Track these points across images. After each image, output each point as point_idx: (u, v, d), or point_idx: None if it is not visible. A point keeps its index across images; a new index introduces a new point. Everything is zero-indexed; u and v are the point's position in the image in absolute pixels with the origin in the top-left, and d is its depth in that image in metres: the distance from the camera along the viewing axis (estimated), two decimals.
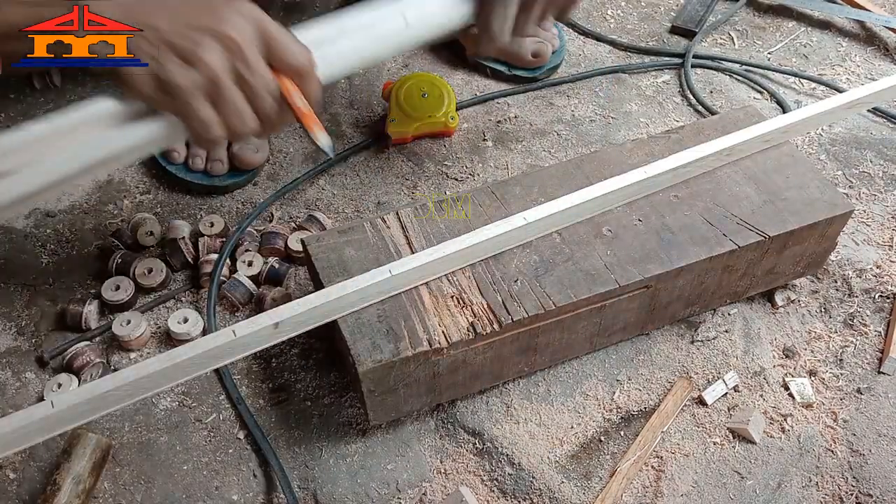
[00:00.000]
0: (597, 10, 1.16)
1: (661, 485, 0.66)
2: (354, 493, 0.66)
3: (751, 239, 0.68)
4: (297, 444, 0.68)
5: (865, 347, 0.76)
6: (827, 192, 0.73)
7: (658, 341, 0.76)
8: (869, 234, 0.85)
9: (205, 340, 0.59)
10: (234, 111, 0.57)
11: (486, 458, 0.68)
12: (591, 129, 0.97)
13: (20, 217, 0.85)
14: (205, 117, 0.56)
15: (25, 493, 0.65)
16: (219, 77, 0.55)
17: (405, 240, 0.69)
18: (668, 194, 0.73)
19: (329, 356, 0.74)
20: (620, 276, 0.66)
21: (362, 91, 1.01)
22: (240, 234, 0.81)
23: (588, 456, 0.68)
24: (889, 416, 0.71)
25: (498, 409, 0.71)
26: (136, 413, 0.70)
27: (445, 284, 0.65)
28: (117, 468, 0.66)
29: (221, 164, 0.86)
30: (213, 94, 0.56)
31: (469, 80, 1.03)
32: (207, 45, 0.55)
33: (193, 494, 0.65)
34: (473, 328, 0.62)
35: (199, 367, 0.59)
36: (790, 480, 0.67)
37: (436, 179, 0.91)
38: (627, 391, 0.73)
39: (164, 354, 0.58)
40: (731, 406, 0.72)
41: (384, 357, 0.60)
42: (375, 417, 0.65)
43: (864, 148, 0.95)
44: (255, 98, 0.57)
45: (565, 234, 0.69)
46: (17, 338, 0.75)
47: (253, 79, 0.56)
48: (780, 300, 0.79)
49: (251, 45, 0.56)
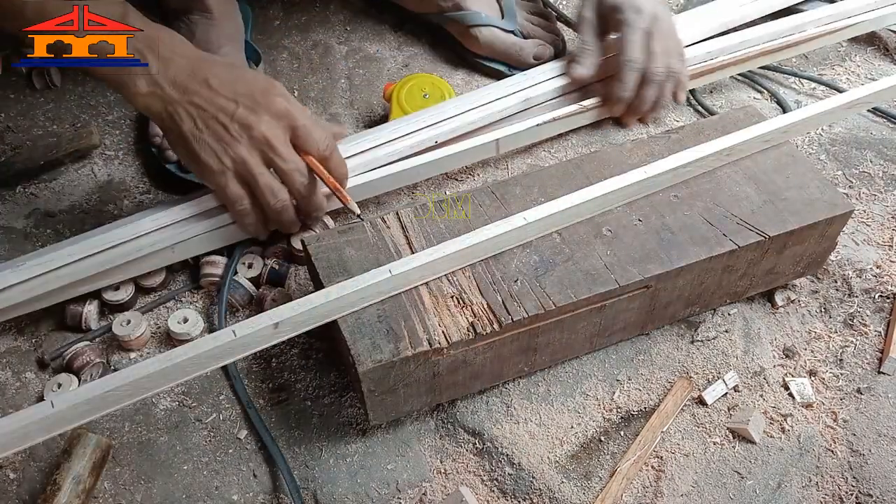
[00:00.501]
0: None
1: (661, 485, 0.66)
2: (354, 493, 0.66)
3: (751, 239, 0.69)
4: (297, 444, 0.68)
5: (865, 347, 0.76)
6: (827, 192, 0.73)
7: (658, 341, 0.76)
8: (869, 234, 0.85)
9: (204, 340, 0.59)
10: (266, 188, 0.69)
11: (486, 458, 0.68)
12: (591, 128, 0.97)
13: (20, 217, 0.85)
14: (233, 193, 0.69)
15: (25, 492, 0.65)
16: (248, 163, 0.68)
17: (405, 240, 0.69)
18: (668, 194, 0.73)
19: (329, 356, 0.74)
20: (620, 276, 0.66)
21: (363, 91, 1.01)
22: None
23: (588, 456, 0.68)
24: (889, 416, 0.71)
25: (498, 409, 0.71)
26: (136, 413, 0.70)
27: (445, 284, 0.65)
28: (117, 468, 0.66)
29: None
30: (246, 176, 0.69)
31: (469, 80, 1.03)
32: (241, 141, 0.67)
33: (193, 494, 0.65)
34: (473, 328, 0.62)
35: (199, 367, 0.60)
36: (790, 480, 0.67)
37: (436, 179, 0.91)
38: (627, 391, 0.73)
39: (164, 354, 0.58)
40: (731, 406, 0.72)
41: (384, 357, 0.60)
42: (375, 417, 0.65)
43: (864, 148, 0.95)
44: (286, 176, 0.70)
45: (565, 234, 0.69)
46: (18, 338, 0.75)
47: (282, 163, 0.69)
48: (780, 300, 0.79)
49: (280, 138, 0.69)
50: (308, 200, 0.73)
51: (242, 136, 0.67)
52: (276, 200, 0.70)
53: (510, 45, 1.01)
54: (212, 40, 0.91)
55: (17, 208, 0.86)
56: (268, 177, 0.70)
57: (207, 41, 0.91)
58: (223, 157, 0.67)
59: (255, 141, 0.68)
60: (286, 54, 1.05)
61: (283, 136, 0.69)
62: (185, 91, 0.66)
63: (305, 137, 0.70)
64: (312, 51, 1.06)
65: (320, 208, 0.75)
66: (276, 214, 0.72)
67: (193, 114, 0.67)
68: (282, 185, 0.71)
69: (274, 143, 0.68)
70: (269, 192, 0.70)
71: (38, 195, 0.87)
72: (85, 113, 0.96)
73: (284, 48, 1.06)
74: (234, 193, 0.69)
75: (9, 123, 0.94)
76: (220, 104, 0.67)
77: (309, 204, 0.74)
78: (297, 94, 1.00)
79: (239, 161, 0.68)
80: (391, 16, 1.11)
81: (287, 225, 0.75)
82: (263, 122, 0.68)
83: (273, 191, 0.70)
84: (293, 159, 0.70)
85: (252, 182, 0.69)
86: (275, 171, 0.70)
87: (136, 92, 0.67)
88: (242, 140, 0.67)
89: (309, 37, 1.08)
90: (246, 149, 0.68)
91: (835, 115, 0.82)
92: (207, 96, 0.67)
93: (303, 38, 1.08)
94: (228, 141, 0.67)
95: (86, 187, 0.88)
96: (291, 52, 1.06)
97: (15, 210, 0.86)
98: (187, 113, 0.67)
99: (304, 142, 0.71)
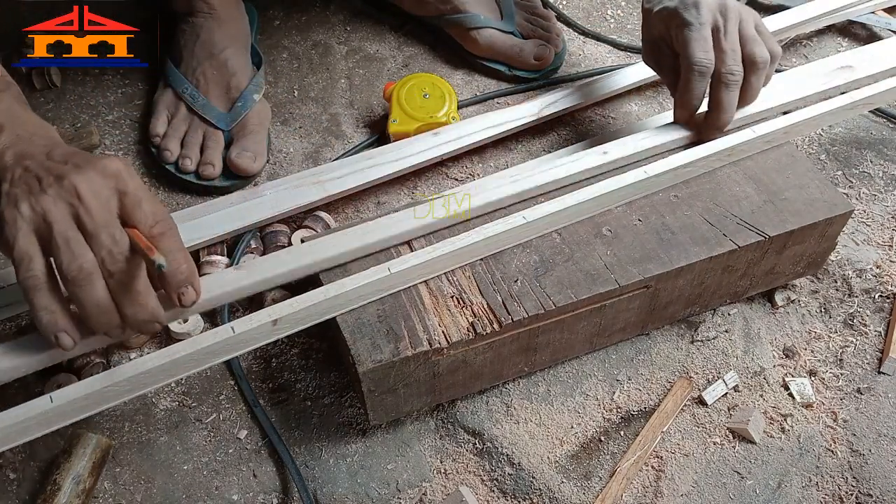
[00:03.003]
0: (597, 10, 1.17)
1: (661, 485, 0.66)
2: (354, 493, 0.66)
3: (751, 239, 0.69)
4: (297, 444, 0.68)
5: (865, 347, 0.76)
6: (827, 192, 0.73)
7: (658, 341, 0.76)
8: (869, 234, 0.85)
9: (203, 337, 0.59)
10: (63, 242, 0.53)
11: (486, 458, 0.68)
12: (591, 129, 0.97)
13: None
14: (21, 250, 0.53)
15: (25, 492, 0.65)
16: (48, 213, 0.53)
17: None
18: (668, 194, 0.73)
19: (329, 356, 0.74)
20: (620, 276, 0.66)
21: (362, 91, 1.01)
22: (248, 236, 0.81)
23: (588, 456, 0.68)
24: (889, 416, 0.71)
25: (498, 409, 0.71)
26: (137, 413, 0.70)
27: (445, 284, 0.65)
28: (117, 468, 0.66)
29: (213, 168, 0.85)
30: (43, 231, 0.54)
31: (469, 80, 1.03)
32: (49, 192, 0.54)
33: (193, 494, 0.65)
34: (473, 328, 0.62)
35: (198, 364, 0.60)
36: (790, 480, 0.67)
37: (436, 179, 0.91)
38: (627, 391, 0.73)
39: (163, 350, 0.58)
40: (731, 406, 0.72)
41: (384, 357, 0.60)
42: (375, 417, 0.65)
43: (864, 148, 0.95)
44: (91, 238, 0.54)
45: (565, 234, 0.69)
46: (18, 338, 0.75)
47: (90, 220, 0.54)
48: (780, 300, 0.79)
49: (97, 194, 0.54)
50: (120, 281, 0.54)
51: (52, 187, 0.54)
52: (73, 261, 0.52)
53: (510, 46, 1.01)
54: (216, 42, 0.90)
55: None
56: (69, 230, 0.53)
57: (211, 43, 0.90)
58: (21, 204, 0.54)
59: (64, 191, 0.54)
60: (286, 54, 1.05)
61: (104, 195, 0.55)
62: (21, 159, 0.57)
63: (133, 206, 0.55)
64: (312, 51, 1.06)
65: (144, 307, 0.55)
66: (76, 288, 0.53)
67: (17, 175, 0.56)
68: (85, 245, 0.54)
69: (85, 196, 0.54)
70: (65, 247, 0.52)
71: None
72: (85, 113, 0.96)
73: (284, 48, 1.06)
74: (22, 250, 0.53)
75: None
76: (47, 165, 0.56)
77: (120, 285, 0.54)
78: (296, 94, 1.00)
79: (38, 210, 0.53)
80: (391, 16, 1.11)
81: (91, 309, 0.54)
82: (82, 176, 0.54)
83: (71, 247, 0.53)
84: (107, 219, 0.54)
85: (48, 236, 0.53)
86: (81, 230, 0.54)
87: None
88: (50, 191, 0.54)
89: (309, 37, 1.08)
90: (52, 199, 0.53)
91: (835, 115, 0.82)
92: (39, 161, 0.56)
93: (303, 38, 1.08)
94: (36, 192, 0.54)
95: None
96: (291, 52, 1.06)
97: None
98: (11, 175, 0.56)
99: (130, 211, 0.55)
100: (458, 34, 1.04)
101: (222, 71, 0.90)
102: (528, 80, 1.02)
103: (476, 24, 1.01)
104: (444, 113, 0.91)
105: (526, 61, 1.01)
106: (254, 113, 0.90)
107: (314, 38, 1.08)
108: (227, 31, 0.92)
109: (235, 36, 0.94)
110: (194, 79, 0.89)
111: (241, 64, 0.92)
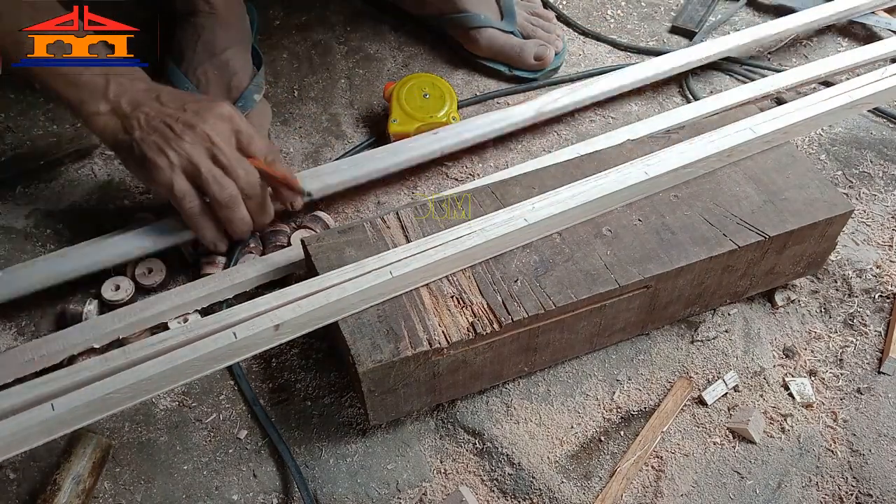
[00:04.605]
0: (597, 10, 1.17)
1: (661, 485, 0.66)
2: (354, 493, 0.66)
3: (751, 239, 0.69)
4: (297, 444, 0.68)
5: (865, 347, 0.76)
6: (827, 192, 0.73)
7: (658, 341, 0.76)
8: (869, 234, 0.85)
9: (205, 343, 0.59)
10: (212, 178, 0.70)
11: (486, 458, 0.68)
12: (591, 128, 0.97)
13: (20, 217, 0.85)
14: (180, 189, 0.70)
15: (25, 492, 0.65)
16: (192, 156, 0.69)
17: (405, 240, 0.69)
18: (668, 194, 0.73)
19: (329, 356, 0.74)
20: (620, 276, 0.66)
21: (363, 91, 1.01)
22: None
23: (588, 456, 0.68)
24: (889, 416, 0.71)
25: (498, 409, 0.71)
26: (136, 413, 0.70)
27: (445, 284, 0.65)
28: (117, 468, 0.66)
29: None
30: (191, 170, 0.70)
31: (469, 79, 1.03)
32: (185, 137, 0.70)
33: (193, 494, 0.65)
34: (473, 328, 0.62)
35: (200, 370, 0.60)
36: (790, 480, 0.67)
37: (436, 179, 0.91)
38: (627, 391, 0.73)
39: (165, 356, 0.58)
40: (731, 406, 0.72)
41: (384, 357, 0.60)
42: (375, 417, 0.65)
43: (864, 148, 0.95)
44: (230, 170, 0.71)
45: (565, 234, 0.69)
46: (18, 338, 0.75)
47: (225, 158, 0.71)
48: (780, 300, 0.79)
49: (223, 135, 0.71)
50: (256, 201, 0.74)
51: (186, 134, 0.69)
52: (223, 191, 0.70)
53: (511, 46, 1.01)
54: (217, 42, 0.91)
55: (17, 208, 0.86)
56: (213, 168, 0.70)
57: (213, 43, 0.90)
58: (168, 151, 0.69)
59: (198, 137, 0.70)
60: (286, 54, 1.05)
61: (227, 136, 0.71)
62: (137, 106, 0.70)
63: (248, 142, 0.73)
64: (312, 51, 1.06)
65: (270, 215, 0.77)
66: (226, 211, 0.72)
67: (142, 121, 0.70)
68: (228, 178, 0.71)
69: (216, 139, 0.70)
70: (214, 182, 0.70)
71: (38, 195, 0.87)
72: None
73: (284, 48, 1.06)
74: (181, 189, 0.70)
75: (9, 123, 0.94)
76: (166, 111, 0.71)
77: (257, 204, 0.74)
78: (296, 94, 1.00)
79: (184, 155, 0.69)
80: (391, 16, 1.11)
81: (238, 225, 0.74)
82: (207, 122, 0.71)
83: (219, 181, 0.70)
84: (237, 156, 0.71)
85: (197, 175, 0.70)
86: (219, 167, 0.71)
87: (96, 111, 0.70)
88: (186, 136, 0.69)
89: (309, 37, 1.08)
90: (190, 144, 0.69)
91: (835, 115, 0.82)
92: (156, 107, 0.71)
93: (303, 38, 1.08)
94: (172, 138, 0.69)
95: (86, 187, 0.88)
96: (291, 52, 1.06)
97: (15, 210, 0.86)
98: (137, 122, 0.70)
99: (247, 146, 0.73)
100: (458, 34, 1.04)
101: (223, 71, 0.90)
102: (528, 80, 1.02)
103: (476, 24, 1.01)
104: (444, 113, 0.91)
105: (526, 61, 1.01)
106: (254, 113, 0.90)
107: (314, 38, 1.08)
108: (229, 31, 0.93)
109: (237, 36, 0.94)
110: (195, 78, 0.90)
111: (242, 64, 0.92)
